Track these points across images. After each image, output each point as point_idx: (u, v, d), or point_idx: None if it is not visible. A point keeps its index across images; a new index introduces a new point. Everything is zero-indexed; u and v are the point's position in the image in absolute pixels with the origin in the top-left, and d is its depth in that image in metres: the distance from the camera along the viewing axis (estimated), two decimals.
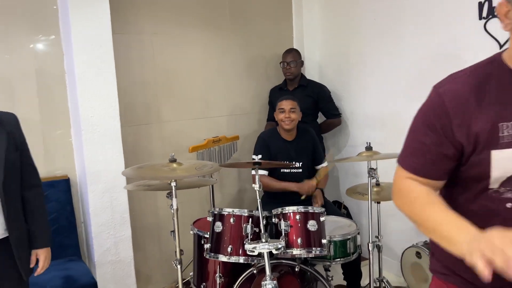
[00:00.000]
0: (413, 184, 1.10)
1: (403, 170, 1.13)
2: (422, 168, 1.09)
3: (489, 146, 1.00)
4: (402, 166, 1.13)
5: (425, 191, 1.07)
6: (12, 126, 1.71)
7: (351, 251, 2.27)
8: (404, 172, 1.12)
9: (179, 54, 3.09)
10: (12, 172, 1.65)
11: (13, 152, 1.66)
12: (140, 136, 2.95)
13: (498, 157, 1.00)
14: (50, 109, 2.61)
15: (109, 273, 2.61)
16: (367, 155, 2.17)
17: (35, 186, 1.79)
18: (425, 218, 1.04)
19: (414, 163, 1.10)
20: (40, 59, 2.57)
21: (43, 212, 1.81)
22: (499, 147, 0.99)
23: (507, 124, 0.99)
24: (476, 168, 1.03)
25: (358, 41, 3.22)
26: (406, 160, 1.13)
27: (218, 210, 2.09)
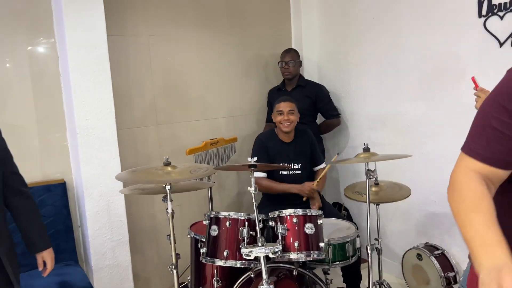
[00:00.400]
0: (472, 182, 1.00)
1: (468, 159, 1.02)
2: (491, 156, 0.98)
3: None
4: (468, 154, 1.02)
5: (479, 194, 0.97)
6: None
7: (350, 254, 2.23)
8: (470, 161, 1.02)
9: (176, 55, 3.06)
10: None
11: None
12: (137, 139, 2.93)
13: None
14: (46, 112, 2.60)
15: (107, 278, 2.58)
16: (364, 156, 2.13)
17: (24, 192, 1.77)
18: (465, 224, 0.95)
19: (485, 150, 0.99)
20: (35, 62, 2.55)
21: (37, 215, 1.79)
22: None
23: None
24: None
25: (357, 40, 3.18)
26: (473, 147, 1.01)
27: (214, 213, 2.06)
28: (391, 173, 2.92)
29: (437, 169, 2.69)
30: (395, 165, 2.95)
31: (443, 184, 2.79)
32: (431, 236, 2.82)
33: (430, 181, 2.74)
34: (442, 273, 2.52)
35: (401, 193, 2.35)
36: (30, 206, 1.77)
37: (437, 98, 2.67)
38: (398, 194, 2.35)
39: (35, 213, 1.79)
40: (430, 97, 2.71)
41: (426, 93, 2.73)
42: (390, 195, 2.35)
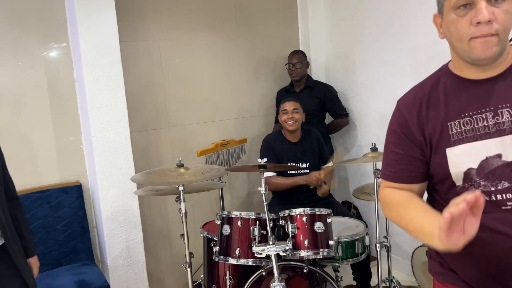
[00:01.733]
0: (392, 191, 1.19)
1: (384, 182, 1.23)
2: (397, 176, 1.18)
3: (443, 145, 1.10)
4: (383, 178, 1.23)
5: (405, 194, 1.16)
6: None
7: (360, 251, 2.28)
8: (385, 183, 1.22)
9: (186, 59, 3.13)
10: None
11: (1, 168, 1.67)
12: (149, 141, 3.00)
13: (451, 154, 1.09)
14: (62, 116, 2.67)
15: (122, 277, 2.66)
16: (372, 156, 2.17)
17: (15, 198, 1.80)
18: (408, 219, 1.09)
19: (391, 172, 1.20)
20: (50, 67, 2.63)
21: (26, 222, 1.84)
22: (452, 145, 1.09)
23: (455, 123, 1.09)
24: (438, 168, 1.12)
25: (364, 40, 3.22)
26: (384, 172, 1.23)
27: (226, 213, 2.12)
28: None
29: None
30: None
31: None
32: None
33: None
34: None
35: None
36: (21, 214, 1.80)
37: None
38: None
39: (25, 222, 1.82)
40: None
41: None
42: None
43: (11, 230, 1.68)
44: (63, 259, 2.61)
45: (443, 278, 1.19)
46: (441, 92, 1.13)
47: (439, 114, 1.11)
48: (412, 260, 2.84)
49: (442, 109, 1.11)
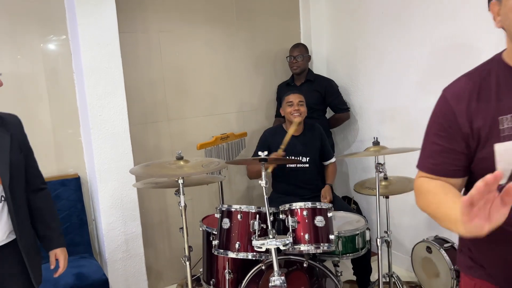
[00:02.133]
0: (427, 180, 1.15)
1: (420, 173, 1.18)
2: (438, 168, 1.13)
3: (492, 139, 1.04)
4: (420, 169, 1.18)
5: (439, 183, 1.11)
6: (15, 127, 1.66)
7: (360, 246, 2.26)
8: (422, 174, 1.18)
9: (186, 51, 3.10)
10: (17, 175, 1.61)
11: (18, 154, 1.61)
12: (148, 134, 2.97)
13: (500, 149, 1.03)
14: (60, 108, 2.65)
15: (121, 270, 2.64)
16: (374, 150, 2.15)
17: (42, 188, 1.77)
18: (437, 206, 1.06)
19: (430, 164, 1.15)
20: (49, 59, 2.60)
21: (55, 213, 1.79)
22: (501, 140, 1.03)
23: (507, 117, 1.03)
24: (483, 163, 1.07)
25: (366, 34, 3.19)
26: (423, 163, 1.18)
27: (225, 206, 2.10)
28: (400, 168, 2.92)
29: None
30: (404, 160, 2.95)
31: None
32: (441, 229, 2.83)
33: None
34: (452, 265, 2.53)
35: (411, 186, 2.36)
36: (48, 204, 1.77)
37: None
38: (408, 187, 2.36)
39: (53, 213, 1.78)
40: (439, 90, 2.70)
41: (436, 87, 2.72)
42: (399, 188, 2.37)
43: (24, 225, 1.63)
44: None
45: (471, 272, 1.18)
46: (493, 84, 1.07)
47: (489, 107, 1.05)
48: (412, 256, 2.83)
49: (493, 102, 1.05)
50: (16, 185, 1.60)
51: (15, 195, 1.59)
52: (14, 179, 1.58)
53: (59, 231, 1.77)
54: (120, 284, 2.65)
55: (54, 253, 1.75)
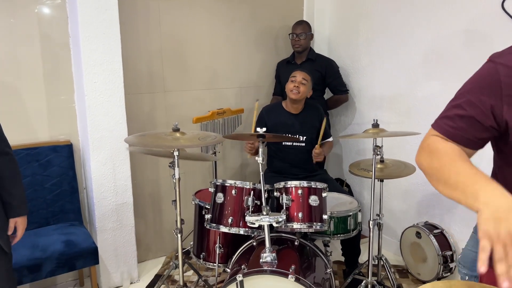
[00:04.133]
0: (443, 141, 1.06)
1: (434, 132, 1.09)
2: (456, 133, 1.05)
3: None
4: (436, 128, 1.09)
5: (457, 149, 1.04)
6: None
7: (351, 228, 2.27)
8: (434, 132, 1.09)
9: (187, 21, 3.02)
10: None
11: None
12: (144, 104, 2.92)
13: None
14: (54, 74, 2.58)
15: (110, 239, 2.63)
16: (373, 132, 2.13)
17: (8, 153, 1.68)
18: (453, 172, 0.98)
19: (449, 126, 1.06)
20: (44, 23, 2.51)
21: (17, 179, 1.70)
22: None
23: None
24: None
25: (370, 16, 3.13)
26: (441, 123, 1.09)
27: (220, 181, 2.08)
28: (396, 152, 2.93)
29: None
30: (400, 145, 2.95)
31: None
32: (431, 215, 2.85)
33: None
34: (440, 251, 2.56)
35: (406, 171, 2.36)
36: (13, 168, 1.69)
37: (448, 78, 2.64)
38: (403, 172, 2.36)
39: (15, 179, 1.69)
40: (441, 77, 2.68)
41: (437, 73, 2.71)
42: (395, 172, 2.36)
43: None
44: (50, 218, 2.57)
45: None
46: None
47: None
48: (401, 240, 2.86)
49: None
50: None
51: None
52: None
53: (20, 198, 1.70)
54: (109, 253, 2.64)
55: (14, 221, 1.70)
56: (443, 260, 2.57)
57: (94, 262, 2.36)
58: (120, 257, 2.69)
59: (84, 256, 2.32)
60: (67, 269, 2.30)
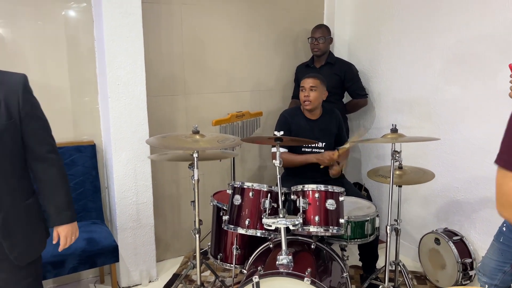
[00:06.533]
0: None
1: (508, 173, 0.99)
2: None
3: None
4: (506, 168, 0.99)
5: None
6: (10, 90, 1.44)
7: (369, 232, 2.27)
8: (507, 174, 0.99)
9: (207, 25, 3.07)
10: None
11: (5, 120, 1.42)
12: (165, 106, 2.98)
13: None
14: (79, 75, 2.66)
15: (130, 238, 2.69)
16: (392, 137, 2.12)
17: (43, 159, 1.54)
18: None
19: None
20: (70, 26, 2.60)
21: (56, 186, 1.57)
22: None
23: None
24: None
25: (391, 20, 3.11)
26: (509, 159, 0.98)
27: (238, 183, 2.11)
28: (415, 158, 2.90)
29: (463, 156, 2.66)
30: (419, 150, 2.92)
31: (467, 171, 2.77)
32: (450, 222, 2.81)
33: (455, 168, 2.71)
34: (459, 258, 2.53)
35: (425, 178, 2.34)
36: (48, 176, 1.56)
37: (469, 83, 2.61)
38: (422, 178, 2.34)
39: (59, 184, 1.58)
40: (462, 82, 2.65)
41: (458, 77, 2.67)
42: (413, 179, 2.35)
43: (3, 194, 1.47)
44: None
45: None
46: None
47: None
48: (419, 246, 2.83)
49: None
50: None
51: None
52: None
53: (61, 206, 1.59)
54: (129, 252, 2.70)
55: (56, 230, 1.62)
56: (463, 268, 2.54)
57: (114, 260, 2.42)
58: (140, 255, 2.74)
59: (105, 253, 2.38)
60: (89, 265, 2.37)
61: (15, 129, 1.46)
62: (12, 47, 2.45)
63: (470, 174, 2.63)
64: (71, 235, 1.64)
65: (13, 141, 1.47)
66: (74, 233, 1.65)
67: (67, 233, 1.63)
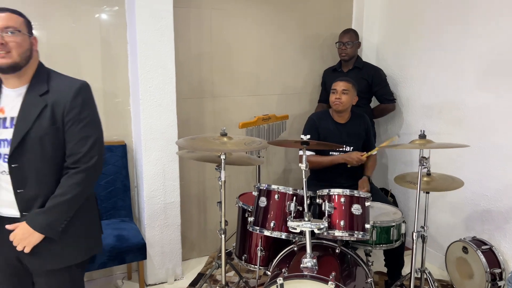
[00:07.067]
0: None
1: None
2: None
3: None
4: None
5: None
6: (61, 95, 1.47)
7: (394, 238, 2.25)
8: None
9: (235, 29, 3.11)
10: (36, 145, 1.45)
11: (46, 125, 1.45)
12: (193, 108, 3.04)
13: None
14: (112, 77, 2.75)
15: (157, 236, 2.76)
16: (420, 143, 2.10)
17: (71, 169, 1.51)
18: None
19: None
20: (103, 29, 2.69)
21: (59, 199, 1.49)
22: None
23: None
24: None
25: (422, 25, 3.08)
26: None
27: (264, 185, 2.14)
28: (444, 165, 2.86)
29: (494, 164, 2.60)
30: (449, 158, 2.88)
31: (498, 180, 2.70)
32: (479, 231, 2.75)
33: (485, 176, 2.65)
34: (488, 268, 2.47)
35: (454, 185, 2.30)
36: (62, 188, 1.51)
37: (502, 90, 2.55)
38: (451, 185, 2.30)
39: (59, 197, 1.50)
40: (495, 88, 2.60)
41: (491, 84, 2.62)
42: (442, 186, 2.31)
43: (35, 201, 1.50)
44: (104, 214, 2.73)
45: None
46: None
47: None
48: (446, 254, 2.78)
49: None
50: (27, 156, 1.46)
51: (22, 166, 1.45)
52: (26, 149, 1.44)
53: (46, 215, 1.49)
54: (156, 249, 2.77)
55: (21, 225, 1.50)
56: (491, 278, 2.48)
57: (142, 257, 2.49)
58: (166, 254, 2.81)
59: (134, 251, 2.45)
60: (118, 262, 2.44)
61: (57, 134, 1.48)
62: (47, 49, 2.55)
63: (501, 183, 2.57)
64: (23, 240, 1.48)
65: (53, 146, 1.48)
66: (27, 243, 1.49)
67: (23, 236, 1.48)
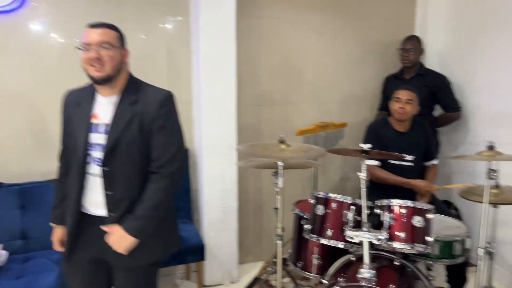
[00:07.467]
0: None
1: None
2: None
3: None
4: None
5: None
6: (148, 105, 1.59)
7: (458, 253, 2.16)
8: None
9: (294, 37, 3.14)
10: (123, 150, 1.56)
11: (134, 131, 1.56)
12: (252, 116, 3.11)
13: None
14: (176, 85, 2.89)
15: (215, 239, 2.85)
16: (488, 154, 2.00)
17: (155, 173, 1.61)
18: None
19: None
20: (170, 39, 2.84)
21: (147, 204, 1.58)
22: None
23: None
24: None
25: (490, 30, 2.93)
26: None
27: (322, 194, 2.14)
28: None
29: None
30: None
31: None
32: None
33: None
34: None
35: None
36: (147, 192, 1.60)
37: None
38: None
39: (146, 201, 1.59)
40: None
41: None
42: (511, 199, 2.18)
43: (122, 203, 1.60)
44: None
45: None
46: None
47: None
48: None
49: None
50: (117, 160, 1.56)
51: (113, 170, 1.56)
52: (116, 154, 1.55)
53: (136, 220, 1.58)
54: (214, 252, 2.86)
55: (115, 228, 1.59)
56: None
57: (201, 258, 2.58)
58: (223, 256, 2.89)
59: (194, 252, 2.55)
60: (178, 262, 2.55)
61: (143, 141, 1.58)
62: None
63: None
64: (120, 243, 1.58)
65: (139, 152, 1.59)
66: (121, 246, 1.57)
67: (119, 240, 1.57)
